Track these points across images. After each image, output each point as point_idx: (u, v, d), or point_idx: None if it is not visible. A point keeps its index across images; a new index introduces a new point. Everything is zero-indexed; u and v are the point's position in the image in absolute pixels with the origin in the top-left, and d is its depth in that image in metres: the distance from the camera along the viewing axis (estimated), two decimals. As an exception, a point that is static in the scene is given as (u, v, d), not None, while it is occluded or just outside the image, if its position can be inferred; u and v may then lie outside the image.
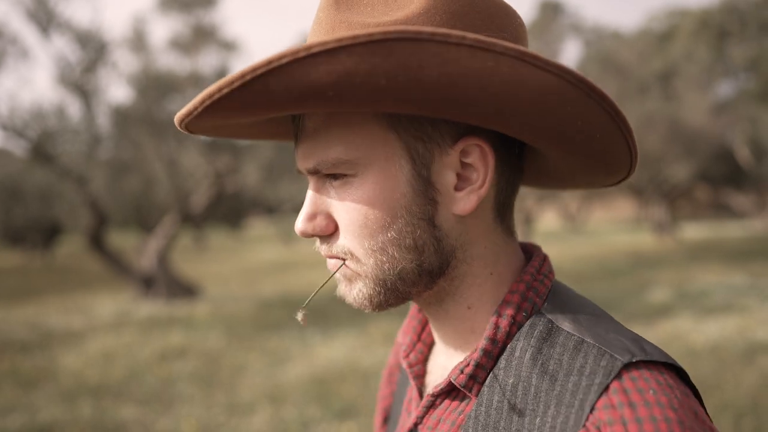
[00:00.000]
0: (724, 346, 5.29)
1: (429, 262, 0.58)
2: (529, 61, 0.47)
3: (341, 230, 0.59)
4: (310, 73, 0.46)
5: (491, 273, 0.62)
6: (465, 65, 0.46)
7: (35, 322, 7.94)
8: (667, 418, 0.46)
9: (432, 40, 0.45)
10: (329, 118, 0.56)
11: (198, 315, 7.98)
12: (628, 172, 0.61)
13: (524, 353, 0.56)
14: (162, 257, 9.32)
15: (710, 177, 21.44)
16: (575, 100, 0.50)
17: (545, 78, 0.48)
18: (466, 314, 0.62)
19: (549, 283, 0.62)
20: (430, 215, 0.57)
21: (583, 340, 0.53)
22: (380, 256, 0.57)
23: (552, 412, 0.51)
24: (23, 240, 19.44)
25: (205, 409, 4.39)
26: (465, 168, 0.58)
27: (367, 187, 0.56)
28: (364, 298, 0.60)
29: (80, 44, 8.10)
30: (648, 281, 9.29)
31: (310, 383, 4.87)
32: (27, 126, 8.16)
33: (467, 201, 0.58)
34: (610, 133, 0.54)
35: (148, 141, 9.46)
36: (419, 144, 0.56)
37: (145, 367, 5.58)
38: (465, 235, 0.60)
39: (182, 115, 0.54)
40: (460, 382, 0.58)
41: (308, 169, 0.59)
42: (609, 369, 0.50)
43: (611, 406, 0.48)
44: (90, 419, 4.24)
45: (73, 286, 12.20)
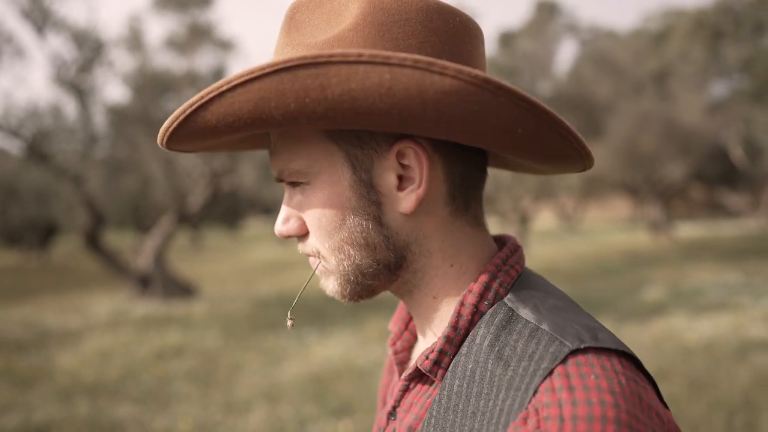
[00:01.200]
0: (717, 343, 5.32)
1: (383, 258, 0.63)
2: (425, 68, 0.50)
3: (309, 231, 0.66)
4: (233, 103, 0.54)
5: (452, 265, 0.65)
6: (363, 80, 0.51)
7: (31, 322, 7.92)
8: (603, 401, 0.47)
9: (330, 62, 0.50)
10: (282, 133, 0.63)
11: (195, 314, 7.98)
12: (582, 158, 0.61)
13: (483, 340, 0.58)
14: (159, 257, 9.31)
15: (705, 176, 21.52)
16: (482, 101, 0.52)
17: (444, 82, 0.51)
18: (432, 304, 0.66)
19: (515, 273, 0.65)
20: (376, 215, 0.62)
21: (539, 328, 0.55)
22: (339, 254, 0.64)
23: (503, 395, 0.53)
24: (20, 240, 19.37)
25: (202, 408, 4.40)
26: (406, 169, 0.61)
27: (318, 193, 0.63)
28: (336, 292, 0.67)
29: (76, 43, 8.08)
30: (643, 280, 9.33)
31: (307, 382, 4.89)
32: (22, 125, 8.14)
33: (408, 200, 0.61)
34: (533, 126, 0.55)
35: (145, 140, 9.44)
36: (358, 151, 0.61)
37: (142, 366, 5.58)
38: (417, 230, 0.63)
39: (158, 141, 0.63)
40: (425, 367, 0.62)
41: (276, 177, 0.66)
42: (556, 354, 0.51)
43: (552, 390, 0.49)
44: (86, 418, 4.24)
45: (70, 286, 12.18)
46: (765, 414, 3.70)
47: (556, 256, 13.77)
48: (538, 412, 0.48)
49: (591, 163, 0.63)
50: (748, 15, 16.66)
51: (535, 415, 0.48)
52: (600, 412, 0.46)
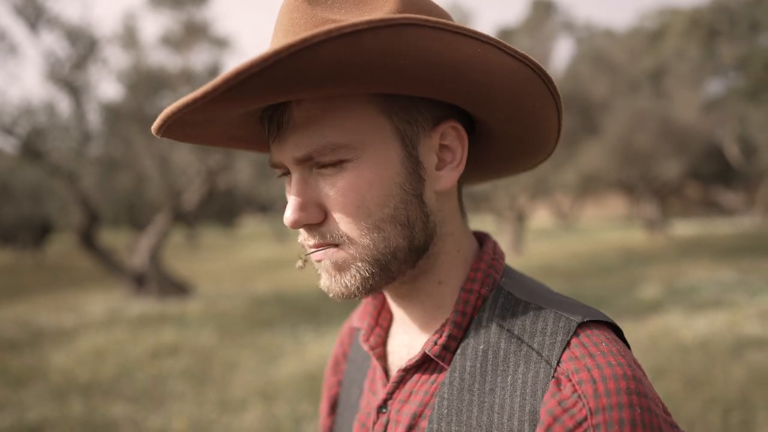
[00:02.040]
0: (713, 341, 5.33)
1: (418, 239, 0.64)
2: (503, 48, 0.56)
3: (334, 216, 0.61)
4: (339, 51, 0.49)
5: (458, 250, 0.68)
6: (463, 50, 0.54)
7: (25, 321, 7.88)
8: (619, 363, 0.55)
9: (443, 28, 0.52)
10: (327, 105, 0.59)
11: (190, 313, 7.96)
12: (552, 150, 0.73)
13: (490, 322, 0.63)
14: (154, 255, 9.28)
15: (700, 174, 21.59)
16: (534, 83, 0.60)
17: (514, 64, 0.57)
18: (436, 290, 0.68)
19: (503, 262, 0.70)
20: (419, 192, 0.63)
21: (541, 307, 0.62)
22: (376, 235, 0.61)
23: (522, 369, 0.58)
24: (13, 238, 19.28)
25: (197, 407, 4.38)
26: (442, 150, 0.65)
27: (364, 168, 0.60)
28: (357, 283, 0.62)
29: (70, 40, 8.03)
30: (639, 278, 9.35)
31: (303, 380, 4.87)
32: (16, 123, 8.08)
33: (448, 178, 0.64)
34: (552, 114, 0.65)
35: (139, 138, 9.40)
36: (408, 127, 0.62)
37: (137, 364, 5.56)
38: (441, 212, 0.66)
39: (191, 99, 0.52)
40: (435, 352, 0.64)
41: (298, 158, 0.61)
42: (567, 328, 0.59)
43: (575, 358, 0.56)
44: (80, 417, 4.22)
45: (64, 285, 12.13)
46: (761, 411, 3.70)
47: (552, 254, 13.79)
48: (569, 378, 0.55)
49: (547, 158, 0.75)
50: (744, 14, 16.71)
51: (568, 381, 0.55)
52: (621, 371, 0.54)
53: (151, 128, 0.60)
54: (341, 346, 0.90)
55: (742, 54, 16.17)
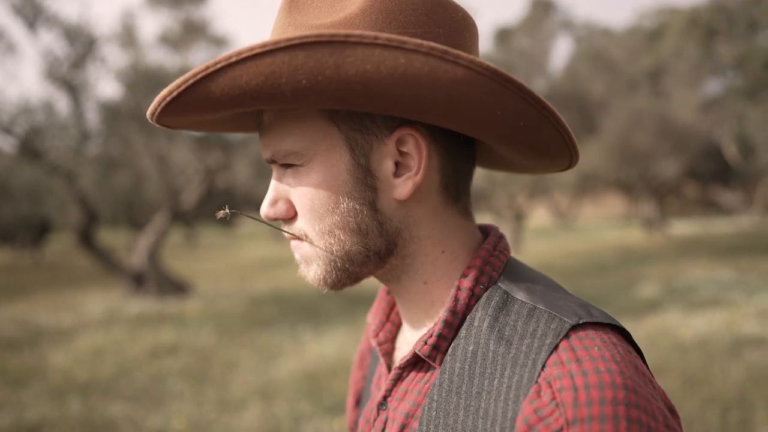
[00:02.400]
0: (711, 340, 5.34)
1: (374, 244, 0.63)
2: (439, 55, 0.51)
3: (298, 214, 0.65)
4: (242, 75, 0.52)
5: (443, 251, 0.66)
6: (378, 63, 0.51)
7: (24, 320, 7.87)
8: (610, 369, 0.50)
9: (346, 41, 0.50)
10: (280, 113, 0.62)
11: (189, 312, 7.95)
12: (570, 156, 0.64)
13: (482, 322, 0.60)
14: (152, 254, 9.27)
15: (698, 174, 21.61)
16: (490, 92, 0.54)
17: (456, 71, 0.52)
18: (423, 289, 0.67)
19: (504, 258, 0.67)
20: (371, 200, 0.62)
21: (536, 307, 0.58)
22: (329, 239, 0.63)
23: (508, 372, 0.55)
24: (12, 238, 19.24)
25: (196, 406, 4.38)
26: (404, 156, 0.62)
27: (313, 175, 0.62)
28: (319, 278, 0.66)
29: (68, 39, 8.01)
30: (637, 277, 9.36)
31: (302, 379, 4.88)
32: (14, 122, 8.07)
33: (404, 187, 0.62)
34: (533, 120, 0.58)
35: (138, 137, 9.39)
36: (357, 135, 0.61)
37: (135, 364, 5.55)
38: (409, 217, 0.64)
39: (149, 114, 0.60)
40: (424, 352, 0.62)
41: (267, 159, 0.65)
42: (558, 330, 0.54)
43: (560, 363, 0.52)
44: (79, 417, 4.22)
45: (63, 284, 12.11)
46: (759, 410, 3.71)
47: (550, 253, 13.80)
48: (550, 384, 0.51)
49: (576, 162, 0.66)
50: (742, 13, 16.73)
51: (548, 387, 0.51)
52: (609, 379, 0.49)
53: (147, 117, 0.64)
54: (366, 341, 0.90)
55: (741, 53, 16.19)
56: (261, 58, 0.51)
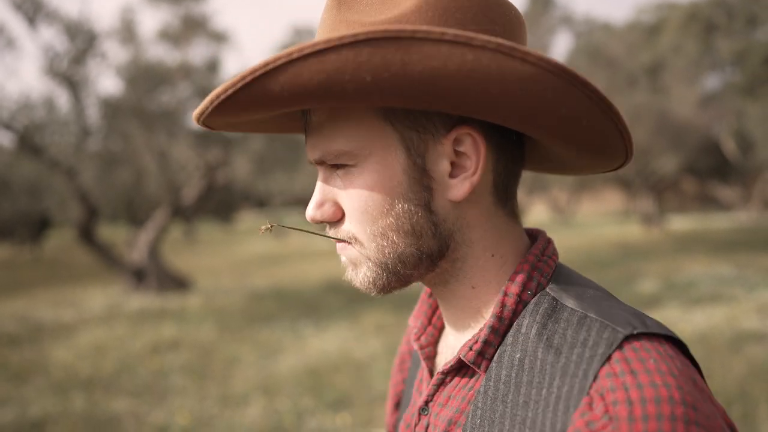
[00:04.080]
0: (711, 335, 5.36)
1: (428, 246, 0.62)
2: (507, 52, 0.50)
3: (347, 216, 0.63)
4: (302, 73, 0.50)
5: (493, 255, 0.65)
6: (446, 60, 0.49)
7: (25, 316, 7.88)
8: (667, 383, 0.48)
9: (413, 37, 0.49)
10: (331, 112, 0.60)
11: (190, 307, 7.97)
12: (626, 156, 0.63)
13: (530, 329, 0.59)
14: (153, 250, 9.27)
15: (697, 169, 21.63)
16: (556, 88, 0.53)
17: (524, 68, 0.51)
18: (471, 294, 0.66)
19: (553, 263, 0.65)
20: (426, 201, 0.61)
21: (587, 315, 0.56)
22: (381, 241, 0.61)
23: (557, 382, 0.53)
24: (11, 233, 19.20)
25: (199, 401, 4.40)
26: (459, 156, 0.61)
27: (367, 175, 0.60)
28: (368, 282, 0.64)
29: (68, 35, 7.99)
30: (636, 272, 9.38)
31: (304, 374, 4.89)
32: (14, 117, 8.05)
33: (460, 188, 0.61)
34: (596, 119, 0.56)
35: (138, 133, 9.37)
36: (414, 134, 0.60)
37: (137, 359, 5.57)
38: (462, 219, 0.63)
39: (197, 114, 0.59)
40: (469, 358, 0.61)
41: (315, 159, 0.63)
42: (611, 340, 0.52)
43: (614, 374, 0.50)
44: (82, 412, 4.23)
45: (63, 280, 12.11)
46: (761, 405, 3.74)
47: (550, 248, 13.79)
48: (603, 397, 0.49)
49: (629, 160, 0.65)
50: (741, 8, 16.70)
51: (601, 400, 0.49)
52: (666, 393, 0.47)
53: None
54: (407, 344, 0.89)
55: (740, 48, 16.18)
56: (325, 54, 0.49)
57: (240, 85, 0.52)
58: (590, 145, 0.61)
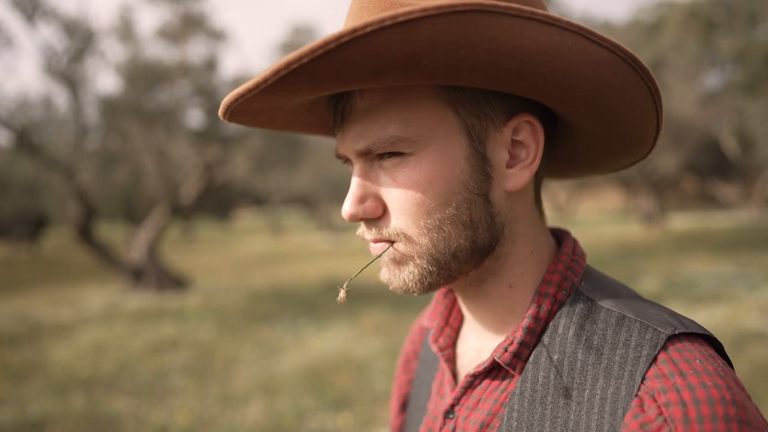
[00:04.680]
0: (713, 334, 5.34)
1: (482, 239, 0.60)
2: (587, 36, 0.50)
3: (393, 211, 0.59)
4: (394, 42, 0.46)
5: (532, 252, 0.64)
6: (535, 39, 0.49)
7: (23, 315, 7.85)
8: (717, 384, 0.48)
9: (506, 13, 0.47)
10: (388, 95, 0.56)
11: (189, 307, 7.94)
12: (650, 149, 0.65)
13: (567, 330, 0.57)
14: (151, 249, 9.24)
15: (697, 168, 21.64)
16: (625, 75, 0.53)
17: (600, 53, 0.51)
18: (507, 293, 0.64)
19: (583, 263, 0.65)
20: (485, 191, 0.59)
21: (624, 316, 0.56)
22: (436, 234, 0.58)
23: (601, 384, 0.53)
24: (9, 232, 19.19)
25: (199, 401, 4.37)
26: (515, 146, 0.60)
27: (426, 164, 0.57)
28: (415, 281, 0.60)
29: (67, 33, 7.95)
30: (637, 271, 9.37)
31: (304, 374, 4.87)
32: (12, 116, 8.02)
33: (520, 177, 0.60)
34: (647, 109, 0.58)
35: (137, 132, 9.35)
36: (476, 121, 0.58)
37: (137, 359, 5.54)
38: (512, 212, 0.62)
39: (247, 88, 0.52)
40: (505, 360, 0.59)
41: (359, 150, 0.59)
42: (655, 341, 0.52)
43: (662, 376, 0.50)
44: (82, 412, 4.20)
45: (61, 279, 12.08)
46: (764, 404, 3.72)
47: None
48: (654, 398, 0.49)
49: (646, 158, 0.67)
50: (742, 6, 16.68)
51: (653, 401, 0.49)
52: (718, 394, 0.47)
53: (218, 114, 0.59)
54: (412, 344, 0.87)
55: (740, 47, 16.16)
56: (419, 23, 0.45)
57: (320, 52, 0.46)
58: (634, 135, 0.62)
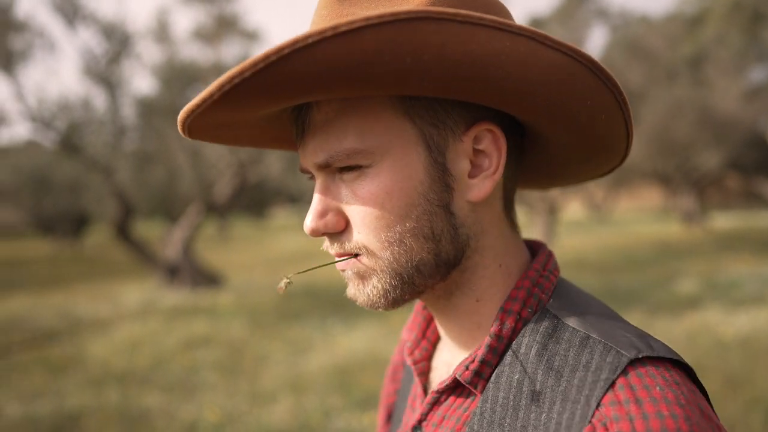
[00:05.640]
0: (755, 338, 5.14)
1: (446, 252, 0.58)
2: (541, 40, 0.49)
3: (354, 225, 0.58)
4: (336, 53, 0.45)
5: (500, 265, 0.62)
6: (485, 45, 0.48)
7: (64, 311, 8.11)
8: (674, 414, 0.45)
9: (454, 20, 0.46)
10: (343, 106, 0.56)
11: (222, 304, 8.07)
12: (622, 158, 0.63)
13: (530, 350, 0.56)
14: (187, 247, 9.44)
15: (741, 165, 20.86)
16: (585, 80, 0.52)
17: (556, 57, 0.50)
18: (474, 308, 0.62)
19: (554, 279, 0.62)
20: (446, 202, 0.58)
21: (589, 336, 0.54)
22: (397, 248, 0.57)
23: (558, 408, 0.51)
24: (53, 230, 19.89)
25: (228, 398, 4.44)
26: (477, 155, 0.59)
27: (384, 176, 0.56)
28: (379, 295, 0.59)
29: (105, 36, 8.19)
30: (675, 272, 9.09)
31: (332, 373, 4.89)
32: (55, 118, 8.30)
33: (482, 187, 0.58)
34: (614, 115, 0.56)
35: (172, 132, 9.55)
36: (434, 131, 0.56)
37: (170, 355, 5.66)
38: (478, 224, 0.60)
39: (195, 104, 0.51)
40: (465, 378, 0.58)
41: (318, 163, 0.58)
42: (615, 365, 0.50)
43: (617, 402, 0.48)
44: (116, 406, 4.32)
45: (101, 275, 12.45)
46: (806, 413, 3.55)
47: (584, 247, 13.53)
48: (606, 427, 0.47)
49: (620, 165, 0.65)
50: (790, -4, 16.00)
51: (604, 430, 0.47)
52: (674, 425, 0.45)
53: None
54: (400, 354, 0.87)
55: (788, 39, 15.50)
56: (364, 32, 0.44)
57: (261, 65, 0.45)
58: (601, 142, 0.60)
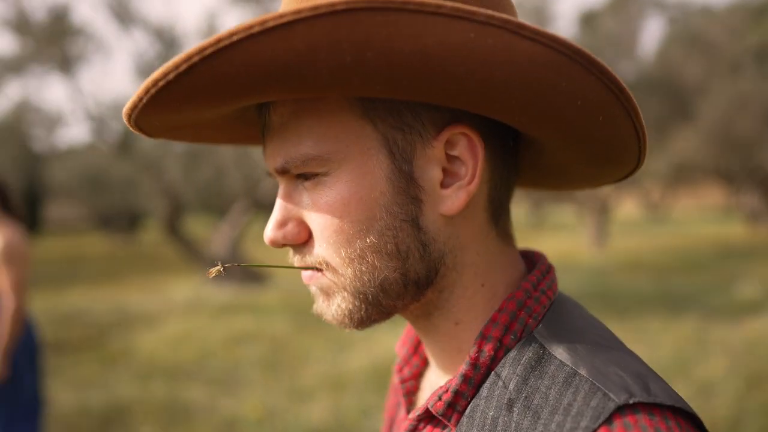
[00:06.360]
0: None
1: (414, 271, 0.52)
2: (515, 30, 0.41)
3: (315, 237, 0.53)
4: (265, 51, 0.40)
5: (483, 284, 0.55)
6: (442, 37, 0.41)
7: (117, 305, 8.43)
8: None
9: (403, 9, 0.39)
10: (297, 108, 0.51)
11: (267, 301, 8.20)
12: (638, 162, 0.54)
13: (509, 383, 0.49)
14: (235, 244, 9.63)
15: (812, 162, 19.64)
16: (572, 76, 0.44)
17: (535, 50, 0.42)
18: (454, 331, 0.55)
19: (547, 301, 0.54)
20: (413, 216, 0.51)
21: (576, 373, 0.46)
22: (359, 265, 0.51)
23: None
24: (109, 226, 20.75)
25: (269, 394, 4.49)
26: (451, 162, 0.52)
27: (341, 186, 0.50)
28: (343, 315, 0.54)
29: (157, 38, 8.45)
30: (736, 275, 8.62)
31: (371, 372, 4.87)
32: (110, 118, 8.64)
33: (455, 199, 0.51)
34: (614, 115, 0.48)
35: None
36: (398, 135, 0.50)
37: (215, 350, 5.78)
38: (455, 239, 0.53)
39: (127, 109, 0.47)
40: (438, 410, 0.52)
41: (276, 168, 0.53)
42: (599, 411, 0.42)
43: None
44: (162, 399, 4.44)
45: (153, 271, 12.87)
46: None
47: (638, 248, 13.04)
48: None
49: (639, 169, 0.56)
50: None
51: None
52: None
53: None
54: None
55: None
56: (294, 27, 0.39)
57: (184, 66, 0.41)
58: (604, 147, 0.52)
